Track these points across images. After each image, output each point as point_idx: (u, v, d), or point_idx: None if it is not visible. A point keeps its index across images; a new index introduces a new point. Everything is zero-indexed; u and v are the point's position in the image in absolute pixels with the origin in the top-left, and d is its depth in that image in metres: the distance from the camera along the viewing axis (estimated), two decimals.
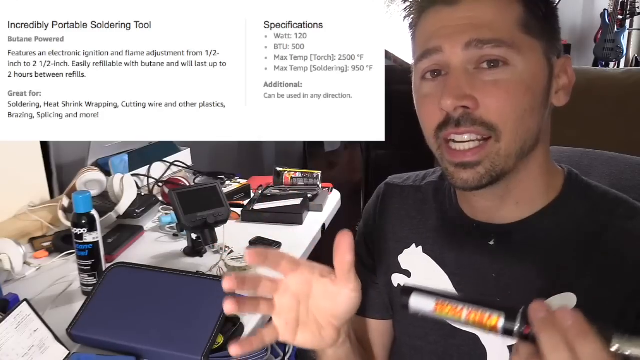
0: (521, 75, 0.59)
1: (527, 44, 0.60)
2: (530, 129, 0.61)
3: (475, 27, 0.59)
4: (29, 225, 1.33)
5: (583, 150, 0.88)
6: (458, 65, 0.60)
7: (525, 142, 0.61)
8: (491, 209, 0.67)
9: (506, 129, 0.59)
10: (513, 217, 0.66)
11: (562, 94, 0.65)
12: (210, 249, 1.24)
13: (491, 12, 0.59)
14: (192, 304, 0.90)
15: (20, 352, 0.79)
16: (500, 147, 0.60)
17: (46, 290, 1.07)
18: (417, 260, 0.74)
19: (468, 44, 0.59)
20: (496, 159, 0.60)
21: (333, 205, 1.58)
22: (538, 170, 0.65)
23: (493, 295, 0.66)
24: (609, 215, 0.64)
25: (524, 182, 0.65)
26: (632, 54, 4.10)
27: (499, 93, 0.59)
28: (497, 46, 0.58)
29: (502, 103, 0.59)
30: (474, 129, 0.59)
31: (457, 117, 0.59)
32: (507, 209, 0.66)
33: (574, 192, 0.66)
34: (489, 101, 0.59)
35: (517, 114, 0.59)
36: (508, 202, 0.66)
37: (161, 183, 1.60)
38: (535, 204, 0.66)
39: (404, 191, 0.79)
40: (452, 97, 0.58)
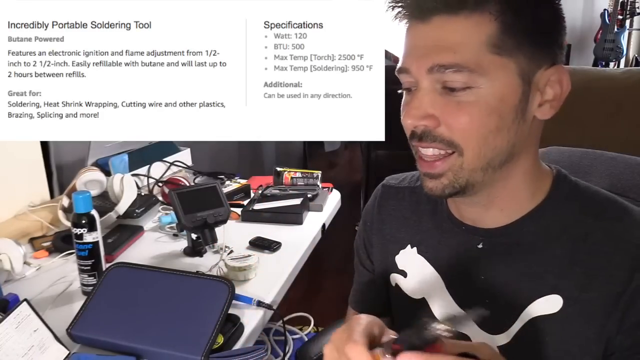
0: (486, 98, 0.59)
1: (495, 65, 0.58)
2: (497, 147, 0.61)
3: (439, 51, 0.59)
4: (29, 225, 1.33)
5: (583, 150, 0.88)
6: (425, 85, 0.61)
7: (492, 159, 0.62)
8: (477, 214, 0.69)
9: (468, 147, 0.60)
10: (499, 221, 0.67)
11: (547, 107, 0.63)
12: (210, 249, 1.24)
13: (459, 33, 0.58)
14: (192, 304, 0.90)
15: (20, 352, 0.79)
16: (463, 161, 0.61)
17: (46, 290, 1.07)
18: (412, 260, 0.75)
19: (431, 69, 0.59)
20: (459, 172, 0.62)
21: (333, 205, 1.58)
22: (522, 177, 0.65)
23: (482, 297, 0.67)
24: (597, 217, 0.64)
25: (506, 190, 0.65)
26: (632, 54, 4.10)
27: (459, 114, 0.59)
28: (458, 71, 0.58)
29: (462, 125, 0.60)
30: (434, 145, 0.61)
31: (419, 133, 0.61)
32: (492, 215, 0.67)
33: (562, 194, 0.67)
34: (449, 121, 0.60)
35: (480, 134, 0.60)
36: (492, 209, 0.67)
37: (161, 183, 1.60)
38: (522, 208, 0.66)
39: (400, 192, 0.80)
40: (411, 117, 0.61)
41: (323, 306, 2.31)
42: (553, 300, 0.63)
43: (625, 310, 0.60)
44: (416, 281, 0.75)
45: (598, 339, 0.62)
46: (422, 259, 0.74)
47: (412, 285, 0.75)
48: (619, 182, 0.80)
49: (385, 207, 0.81)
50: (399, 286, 0.77)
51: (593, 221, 0.64)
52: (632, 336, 0.60)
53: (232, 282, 0.92)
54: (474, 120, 0.59)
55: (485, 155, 0.61)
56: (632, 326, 0.60)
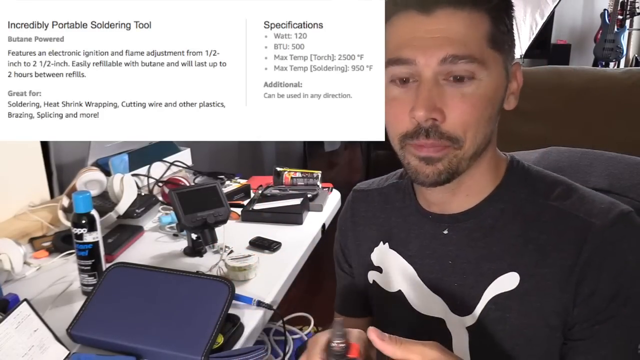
0: (485, 89, 0.63)
1: (492, 58, 0.63)
2: (486, 135, 0.66)
3: (451, 42, 0.61)
4: (29, 225, 1.33)
5: (582, 150, 0.88)
6: (430, 77, 0.62)
7: (479, 146, 0.66)
8: (444, 201, 0.72)
9: (467, 138, 0.64)
10: (463, 207, 0.71)
11: (512, 98, 0.70)
12: (210, 249, 1.24)
13: (464, 27, 0.61)
14: (192, 304, 0.90)
15: (20, 352, 0.79)
16: (460, 152, 0.64)
17: (46, 290, 1.07)
18: (385, 256, 0.79)
19: (444, 59, 0.61)
20: (454, 161, 0.65)
21: (333, 205, 1.58)
22: (487, 165, 0.70)
23: (451, 281, 0.71)
24: (547, 196, 0.68)
25: (474, 176, 0.69)
26: (632, 54, 4.11)
27: (464, 107, 0.62)
28: (470, 62, 0.61)
29: (466, 117, 0.63)
30: (439, 142, 0.63)
31: (427, 128, 0.63)
32: (458, 201, 0.71)
33: (514, 178, 0.71)
34: (454, 114, 0.62)
35: (479, 125, 0.64)
36: (459, 194, 0.70)
37: (161, 183, 1.60)
38: (483, 193, 0.70)
39: (369, 195, 0.84)
40: (424, 109, 0.61)
41: (323, 306, 2.30)
42: (510, 277, 0.67)
43: (578, 283, 0.63)
44: (391, 275, 0.78)
45: (556, 312, 0.64)
46: (394, 252, 0.78)
47: (388, 279, 0.79)
48: (619, 182, 0.80)
49: (357, 210, 0.85)
50: (376, 282, 0.80)
51: (543, 201, 0.68)
52: (588, 306, 0.63)
53: (232, 282, 0.93)
54: (476, 110, 0.63)
55: (477, 144, 0.65)
56: (586, 297, 0.63)
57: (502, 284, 0.67)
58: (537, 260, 0.66)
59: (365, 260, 0.82)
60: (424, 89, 0.62)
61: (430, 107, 0.61)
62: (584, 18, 4.36)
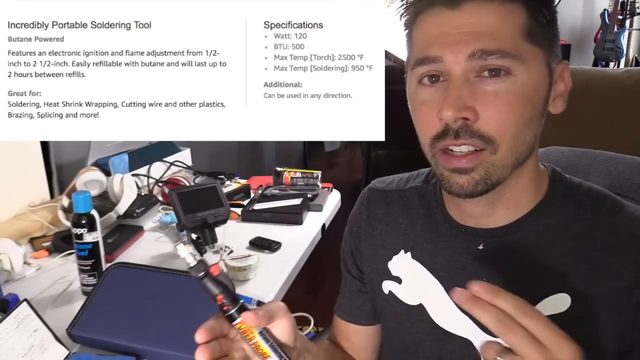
0: (523, 86, 0.57)
1: (530, 53, 0.58)
2: (527, 140, 0.60)
3: (479, 36, 0.56)
4: (29, 225, 1.33)
5: (582, 150, 0.88)
6: (459, 74, 0.57)
7: (521, 153, 0.60)
8: (481, 214, 0.66)
9: (503, 142, 0.58)
10: (501, 221, 0.66)
11: (559, 101, 0.64)
12: (210, 249, 1.24)
13: (494, 19, 0.57)
14: (192, 304, 0.90)
15: (20, 352, 0.79)
16: (496, 158, 0.59)
17: (46, 290, 1.07)
18: (406, 266, 0.73)
19: (472, 55, 0.56)
20: (491, 169, 0.59)
21: (333, 205, 1.58)
22: (529, 176, 0.65)
23: None
24: (595, 212, 0.64)
25: (516, 188, 0.64)
26: (632, 54, 4.10)
27: (499, 105, 0.57)
28: (501, 57, 0.56)
29: (502, 116, 0.57)
30: (471, 142, 0.58)
31: (456, 129, 0.58)
32: (497, 215, 0.66)
33: (559, 192, 0.66)
34: (488, 113, 0.57)
35: (517, 127, 0.58)
36: (499, 207, 0.65)
37: (161, 183, 1.60)
38: (524, 207, 0.65)
39: (388, 196, 0.78)
40: (453, 109, 0.56)
41: (323, 306, 2.31)
42: (560, 298, 0.62)
43: (638, 305, 0.59)
44: (412, 287, 0.73)
45: (610, 335, 0.61)
46: (417, 264, 0.72)
47: (408, 292, 0.73)
48: (618, 182, 0.80)
49: (374, 212, 0.78)
50: (392, 293, 0.75)
51: (592, 217, 0.63)
52: None
53: (232, 282, 0.92)
54: (513, 110, 0.57)
55: (517, 149, 0.59)
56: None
57: (550, 305, 0.62)
58: (589, 281, 0.61)
59: (381, 267, 0.76)
60: (452, 87, 0.57)
61: (460, 106, 0.56)
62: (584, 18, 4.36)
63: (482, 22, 0.57)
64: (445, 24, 0.58)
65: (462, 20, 0.57)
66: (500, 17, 0.57)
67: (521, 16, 0.58)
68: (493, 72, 0.57)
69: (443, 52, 0.58)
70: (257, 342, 0.54)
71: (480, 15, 0.57)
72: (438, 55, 0.58)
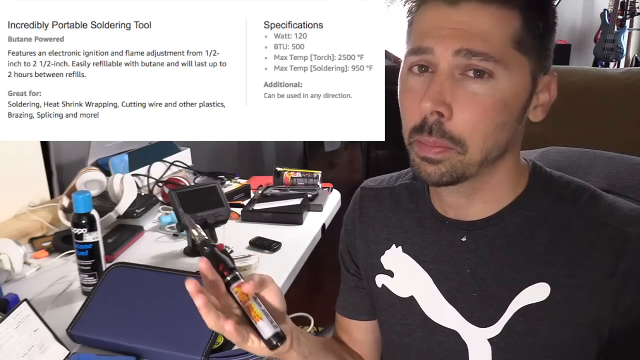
0: (502, 91, 0.59)
1: (515, 61, 0.60)
2: (498, 142, 0.62)
3: (469, 36, 0.58)
4: (29, 225, 1.33)
5: (582, 150, 0.88)
6: (445, 69, 0.60)
7: (490, 153, 0.62)
8: (460, 207, 0.69)
9: (473, 143, 0.60)
10: (482, 214, 0.68)
11: (539, 110, 0.66)
12: None
13: (488, 23, 0.59)
14: (192, 304, 0.89)
15: (20, 352, 0.79)
16: (463, 158, 0.61)
17: (46, 290, 1.07)
18: (398, 260, 0.76)
19: (458, 52, 0.58)
20: (457, 165, 0.61)
21: (333, 205, 1.58)
22: (505, 174, 0.67)
23: (469, 290, 0.69)
24: (574, 204, 0.66)
25: (490, 184, 0.66)
26: (632, 54, 4.11)
27: (474, 107, 0.59)
28: (484, 60, 0.58)
29: (476, 118, 0.59)
30: (441, 142, 0.60)
31: (430, 124, 0.60)
32: (475, 208, 0.68)
33: (538, 185, 0.68)
34: (462, 115, 0.59)
35: (488, 129, 0.60)
36: (475, 201, 0.68)
37: (161, 183, 1.60)
38: (503, 201, 0.68)
39: (379, 194, 0.80)
40: (431, 101, 0.59)
41: (323, 306, 2.30)
42: (541, 288, 0.65)
43: (617, 294, 0.62)
44: (403, 280, 0.75)
45: (589, 324, 0.63)
46: (408, 257, 0.75)
47: (400, 285, 0.76)
48: (618, 182, 0.80)
49: (366, 210, 0.81)
50: (385, 286, 0.77)
51: (571, 208, 0.66)
52: (632, 318, 0.61)
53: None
54: (486, 113, 0.59)
55: (486, 149, 0.61)
56: (628, 309, 0.61)
57: (530, 294, 0.65)
58: (568, 270, 0.63)
59: (374, 262, 0.78)
60: (436, 81, 0.59)
61: (438, 100, 0.59)
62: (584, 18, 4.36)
63: (476, 23, 0.59)
64: (442, 18, 0.60)
65: (458, 18, 0.59)
66: (494, 21, 0.59)
67: (514, 24, 0.60)
68: (478, 73, 0.59)
69: (435, 44, 0.60)
70: (250, 305, 0.60)
71: (475, 17, 0.59)
72: (429, 47, 0.60)
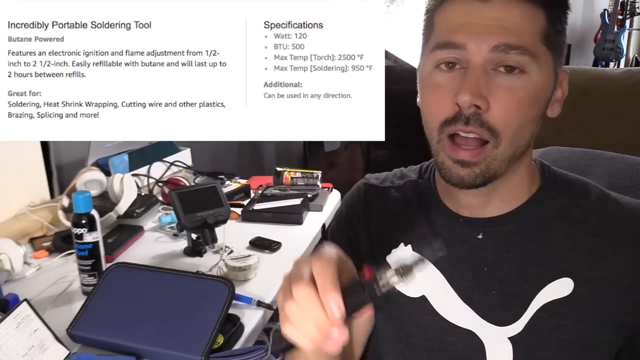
0: (534, 85, 0.60)
1: (544, 55, 0.61)
2: (526, 137, 0.64)
3: (505, 31, 0.59)
4: (29, 225, 1.33)
5: (582, 150, 0.88)
6: (479, 63, 0.60)
7: (518, 148, 0.63)
8: (476, 206, 0.69)
9: (506, 136, 0.61)
10: (498, 212, 0.68)
11: (556, 105, 0.67)
12: (210, 249, 1.24)
13: (519, 17, 0.59)
14: (192, 304, 0.90)
15: (20, 352, 0.79)
16: (497, 152, 0.61)
17: (46, 290, 1.07)
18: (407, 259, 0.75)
19: (496, 47, 0.59)
20: (492, 163, 0.62)
21: (333, 205, 1.58)
22: (524, 170, 0.68)
23: (487, 288, 0.68)
24: (587, 199, 0.67)
25: (511, 182, 0.66)
26: (632, 54, 4.10)
27: (510, 100, 0.60)
28: (521, 53, 0.59)
29: (511, 111, 0.60)
30: (479, 131, 0.60)
31: (468, 115, 0.60)
32: (492, 207, 0.68)
33: (552, 182, 0.69)
34: (499, 106, 0.60)
35: (520, 123, 0.61)
36: (494, 200, 0.68)
37: (161, 183, 1.60)
38: (520, 198, 0.68)
39: (384, 192, 0.79)
40: (470, 94, 0.59)
41: None
42: (564, 283, 0.64)
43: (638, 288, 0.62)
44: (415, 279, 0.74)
45: (614, 317, 0.63)
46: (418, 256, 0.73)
47: (410, 284, 0.74)
48: (618, 182, 0.80)
49: (371, 206, 0.79)
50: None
51: (586, 203, 0.66)
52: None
53: (232, 282, 0.93)
54: (520, 106, 0.60)
55: (516, 145, 0.62)
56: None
57: (554, 290, 0.64)
58: (590, 264, 0.64)
59: (379, 261, 0.74)
60: (472, 74, 0.59)
61: (476, 93, 0.59)
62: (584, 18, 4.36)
63: (508, 18, 0.59)
64: (473, 13, 0.60)
65: (490, 13, 0.59)
66: (525, 16, 0.60)
67: (541, 19, 0.61)
68: (509, 68, 0.60)
69: (468, 40, 0.60)
70: None
71: (507, 11, 0.59)
72: (462, 42, 0.60)
